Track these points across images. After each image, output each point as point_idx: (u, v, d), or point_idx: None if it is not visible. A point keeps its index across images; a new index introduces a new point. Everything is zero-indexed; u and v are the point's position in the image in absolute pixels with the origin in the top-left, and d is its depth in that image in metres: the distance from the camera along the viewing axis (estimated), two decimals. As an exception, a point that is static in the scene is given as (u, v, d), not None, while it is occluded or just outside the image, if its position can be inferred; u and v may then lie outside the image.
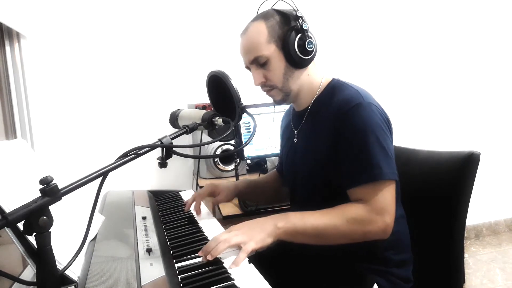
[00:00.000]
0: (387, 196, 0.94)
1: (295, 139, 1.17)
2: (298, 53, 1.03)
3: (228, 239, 0.87)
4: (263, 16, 1.06)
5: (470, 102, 2.76)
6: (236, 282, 0.75)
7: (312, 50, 1.04)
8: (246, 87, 1.20)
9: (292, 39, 1.02)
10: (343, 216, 0.93)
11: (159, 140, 0.85)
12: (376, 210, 0.93)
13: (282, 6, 1.09)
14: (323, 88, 1.10)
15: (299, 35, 1.02)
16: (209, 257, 0.84)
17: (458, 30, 2.67)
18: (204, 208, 1.27)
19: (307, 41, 1.02)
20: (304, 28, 1.02)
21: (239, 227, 0.92)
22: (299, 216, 0.95)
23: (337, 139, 0.99)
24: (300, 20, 1.02)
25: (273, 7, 1.09)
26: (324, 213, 0.95)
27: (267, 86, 1.10)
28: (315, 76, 1.10)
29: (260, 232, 0.91)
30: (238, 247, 0.88)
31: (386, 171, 0.94)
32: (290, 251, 1.11)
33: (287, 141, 1.25)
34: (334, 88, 1.07)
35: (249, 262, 0.84)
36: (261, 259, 1.19)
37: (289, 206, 1.30)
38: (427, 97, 2.68)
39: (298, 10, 1.03)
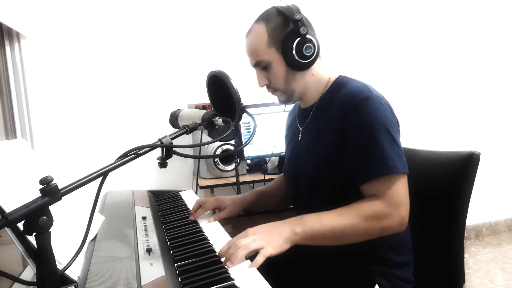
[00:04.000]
0: (401, 190, 0.94)
1: (300, 136, 1.17)
2: (296, 57, 1.02)
3: (247, 245, 0.85)
4: (265, 18, 1.05)
5: (470, 102, 2.76)
6: (236, 282, 0.75)
7: (311, 55, 1.03)
8: (246, 87, 1.20)
9: (290, 44, 1.01)
10: (360, 214, 0.92)
11: (159, 140, 0.85)
12: (391, 204, 0.92)
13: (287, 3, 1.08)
14: (330, 84, 1.10)
15: (297, 40, 1.01)
16: (230, 265, 0.82)
17: (458, 31, 2.67)
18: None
19: (305, 46, 1.01)
20: (301, 32, 1.00)
21: (256, 231, 0.91)
22: (315, 219, 0.93)
23: (345, 133, 0.98)
24: (299, 24, 1.01)
25: (276, 6, 1.07)
26: (341, 212, 0.94)
27: (271, 88, 1.11)
28: (322, 74, 1.10)
29: (277, 237, 0.89)
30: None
31: (398, 165, 0.93)
32: (290, 251, 1.11)
33: (291, 139, 1.25)
34: (340, 84, 1.07)
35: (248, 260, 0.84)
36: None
37: (292, 206, 1.30)
38: (428, 97, 2.68)
39: (297, 12, 1.01)
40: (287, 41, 1.01)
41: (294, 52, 1.01)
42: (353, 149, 0.97)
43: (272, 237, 0.89)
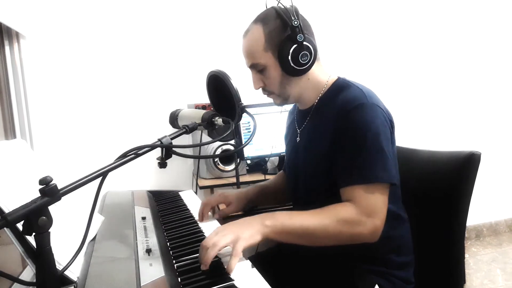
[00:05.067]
0: (378, 199, 0.93)
1: (298, 138, 1.17)
2: (292, 64, 1.00)
3: (216, 242, 0.83)
4: (263, 19, 1.04)
5: (470, 102, 2.76)
6: (236, 282, 0.75)
7: (307, 62, 1.01)
8: (246, 87, 1.19)
9: (286, 50, 0.99)
10: (333, 217, 0.92)
11: (159, 140, 0.84)
12: (366, 212, 0.92)
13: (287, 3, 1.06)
14: (328, 87, 1.09)
15: (293, 46, 0.99)
16: (203, 267, 0.81)
17: (458, 31, 2.67)
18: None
19: (301, 53, 0.99)
20: (298, 39, 0.98)
21: (225, 227, 0.89)
22: (287, 216, 0.93)
23: (338, 138, 0.98)
24: (296, 30, 0.98)
25: (275, 7, 1.05)
26: (314, 213, 0.94)
27: (266, 91, 1.11)
28: (319, 77, 1.09)
29: (247, 228, 0.88)
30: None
31: (379, 174, 0.93)
32: (290, 251, 1.11)
33: (290, 140, 1.25)
34: (339, 87, 1.06)
35: (252, 266, 0.83)
36: (261, 260, 1.19)
37: (291, 206, 1.30)
38: (428, 97, 2.68)
39: (295, 17, 0.99)
40: (284, 46, 1.00)
41: (290, 58, 1.00)
42: (339, 152, 0.98)
43: (241, 229, 0.88)
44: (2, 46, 1.74)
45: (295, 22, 0.98)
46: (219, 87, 1.07)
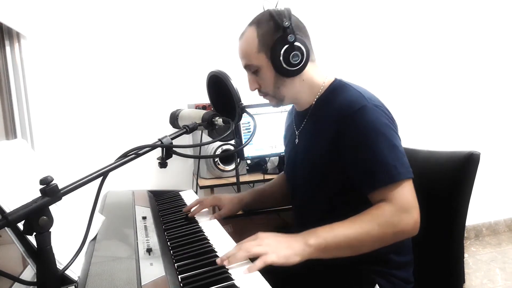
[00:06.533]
0: (408, 194, 0.93)
1: (297, 140, 1.17)
2: (284, 65, 1.01)
3: (249, 248, 0.83)
4: (257, 22, 1.05)
5: (470, 102, 2.76)
6: (236, 282, 0.75)
7: (298, 63, 1.01)
8: (246, 87, 1.20)
9: (278, 50, 1.00)
10: (373, 221, 0.91)
11: (159, 140, 0.85)
12: (402, 209, 0.91)
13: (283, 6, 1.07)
14: (325, 88, 1.09)
15: (284, 47, 1.00)
16: (226, 263, 0.81)
17: (458, 30, 2.67)
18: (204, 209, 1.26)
19: (292, 54, 0.99)
20: (289, 40, 0.99)
21: (265, 236, 0.89)
22: (328, 229, 0.91)
23: (341, 142, 0.98)
24: (287, 31, 0.99)
25: (270, 10, 1.06)
26: (353, 221, 0.92)
27: (262, 92, 1.11)
28: (315, 79, 1.09)
29: (286, 248, 0.87)
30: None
31: (401, 171, 0.93)
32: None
33: (289, 142, 1.25)
34: (337, 89, 1.06)
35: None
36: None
37: (290, 206, 1.30)
38: (428, 97, 2.68)
39: (287, 18, 0.99)
40: (275, 47, 1.01)
41: (281, 59, 1.00)
42: (352, 159, 0.97)
43: (280, 246, 0.87)
44: (3, 46, 1.74)
45: (286, 23, 0.99)
46: (219, 87, 1.07)
